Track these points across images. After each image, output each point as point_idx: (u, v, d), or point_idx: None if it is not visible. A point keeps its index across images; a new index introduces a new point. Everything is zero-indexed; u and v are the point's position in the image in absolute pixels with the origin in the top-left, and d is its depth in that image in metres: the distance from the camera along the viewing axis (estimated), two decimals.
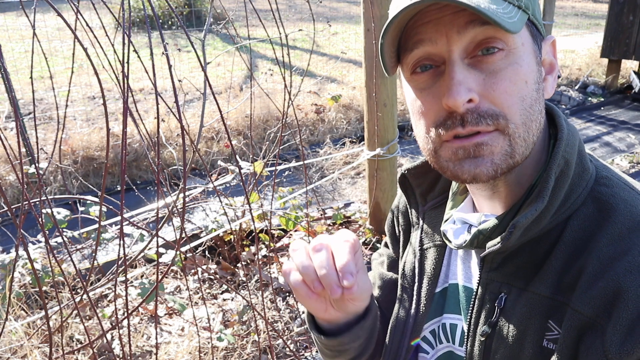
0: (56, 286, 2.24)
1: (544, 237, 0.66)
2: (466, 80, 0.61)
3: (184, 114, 2.12)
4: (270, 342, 1.96)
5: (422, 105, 0.66)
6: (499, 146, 0.62)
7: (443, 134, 0.64)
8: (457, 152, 0.64)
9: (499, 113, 0.62)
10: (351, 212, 3.48)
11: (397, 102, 2.86)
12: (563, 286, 0.63)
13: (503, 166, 0.63)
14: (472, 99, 0.61)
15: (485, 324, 0.70)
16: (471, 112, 0.61)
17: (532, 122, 0.64)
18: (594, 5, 14.86)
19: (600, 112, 5.92)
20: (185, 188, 1.25)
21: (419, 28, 0.63)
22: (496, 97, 0.61)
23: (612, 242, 0.61)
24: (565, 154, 0.66)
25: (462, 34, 0.61)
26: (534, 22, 0.65)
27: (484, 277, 0.71)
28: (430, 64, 0.64)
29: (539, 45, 0.67)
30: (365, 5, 2.62)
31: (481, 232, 0.70)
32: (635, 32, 6.10)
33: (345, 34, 9.09)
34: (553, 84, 0.70)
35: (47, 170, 3.32)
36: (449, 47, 0.62)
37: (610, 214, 0.63)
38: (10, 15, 8.40)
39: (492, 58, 0.61)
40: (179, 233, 1.42)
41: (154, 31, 6.06)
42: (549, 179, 0.64)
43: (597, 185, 0.67)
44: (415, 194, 0.85)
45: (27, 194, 1.11)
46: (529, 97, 0.63)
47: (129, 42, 1.06)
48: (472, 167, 0.63)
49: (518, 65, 0.62)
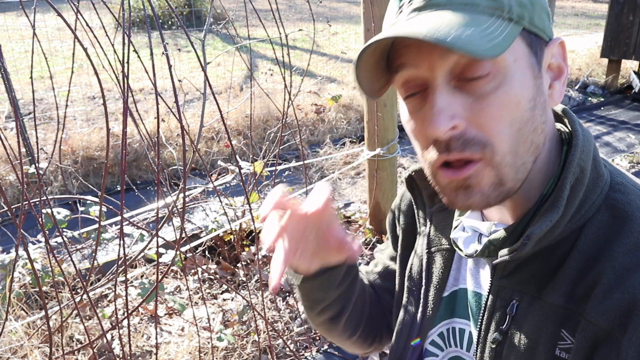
0: (56, 286, 2.24)
1: (558, 245, 0.65)
2: (449, 107, 0.59)
3: (184, 114, 2.12)
4: (270, 342, 1.96)
5: (414, 128, 0.66)
6: (485, 178, 0.62)
7: (433, 159, 0.64)
8: (450, 183, 0.64)
9: (486, 141, 0.60)
10: (351, 212, 3.48)
11: (397, 102, 2.86)
12: (577, 295, 0.62)
13: (494, 195, 0.63)
14: (455, 125, 0.59)
15: (496, 331, 0.69)
16: (455, 139, 0.60)
17: (520, 146, 0.61)
18: (594, 5, 14.86)
19: (600, 112, 5.92)
20: (185, 188, 1.25)
21: (402, 50, 0.62)
22: (483, 124, 0.59)
23: (628, 252, 0.60)
24: (581, 162, 0.64)
25: (445, 59, 0.58)
26: (532, 30, 0.61)
27: (496, 284, 0.70)
28: (417, 90, 0.63)
29: (539, 54, 0.63)
30: (365, 5, 2.62)
31: (492, 242, 0.69)
32: (635, 32, 6.10)
33: (345, 34, 9.09)
34: (561, 89, 0.66)
35: (47, 170, 3.32)
36: (432, 72, 0.60)
37: (626, 223, 0.62)
38: (10, 15, 8.40)
39: (479, 82, 0.59)
40: (179, 233, 1.42)
41: (154, 31, 6.06)
42: (564, 188, 0.62)
43: (611, 192, 0.65)
44: (423, 195, 0.84)
45: (27, 194, 1.11)
46: (518, 120, 0.60)
47: (129, 42, 1.06)
48: (464, 199, 0.63)
49: (509, 87, 0.59)
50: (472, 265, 0.78)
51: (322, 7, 9.65)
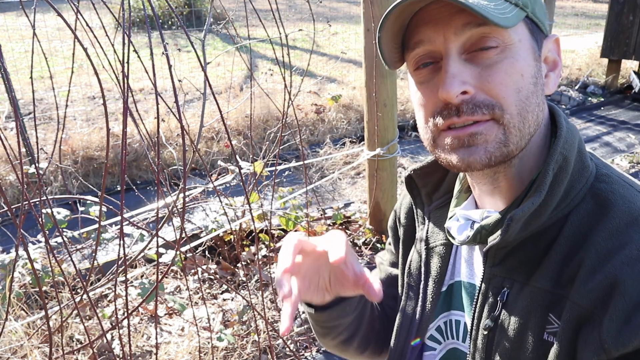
0: (56, 286, 2.24)
1: (545, 233, 0.68)
2: (461, 74, 0.64)
3: (184, 114, 2.12)
4: (270, 342, 1.96)
5: (422, 97, 0.70)
6: (492, 134, 0.65)
7: (440, 123, 0.67)
8: (452, 141, 0.67)
9: (495, 103, 0.64)
10: (351, 212, 3.48)
11: (397, 102, 2.86)
12: (563, 280, 0.65)
13: (497, 154, 0.66)
14: (466, 90, 0.64)
15: (487, 317, 0.71)
16: (466, 103, 0.64)
17: (528, 114, 0.66)
18: (594, 5, 14.86)
19: (600, 112, 5.92)
20: (185, 188, 1.25)
21: (420, 28, 0.67)
22: (491, 88, 0.64)
23: (610, 237, 0.62)
24: (564, 151, 0.68)
25: (459, 35, 0.64)
26: (534, 20, 0.68)
27: (487, 273, 0.72)
28: (431, 61, 0.68)
29: (539, 42, 0.69)
30: (365, 5, 2.62)
31: (483, 227, 0.72)
32: (635, 32, 6.10)
33: (345, 34, 9.09)
34: (556, 80, 0.72)
35: (47, 170, 3.32)
36: (446, 45, 0.65)
37: (609, 210, 0.65)
38: (10, 15, 8.40)
39: (487, 53, 0.64)
40: (179, 233, 1.42)
41: (154, 31, 6.06)
42: (546, 174, 0.66)
43: (596, 182, 0.68)
44: (421, 194, 0.87)
45: (27, 194, 1.11)
46: (525, 89, 0.65)
47: (129, 42, 1.06)
48: (466, 155, 0.66)
49: (514, 59, 0.65)
50: (467, 256, 0.80)
51: (322, 7, 9.64)
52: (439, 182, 0.87)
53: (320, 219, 3.34)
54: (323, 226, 3.15)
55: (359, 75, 6.56)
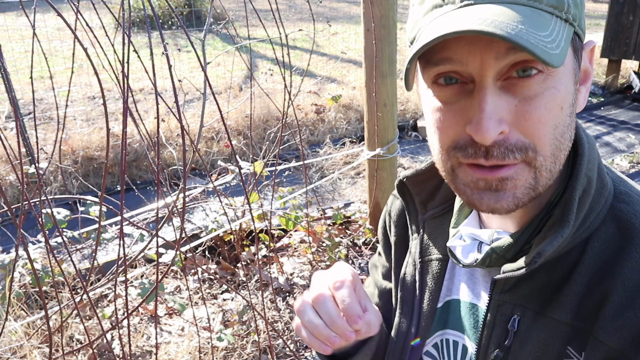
0: (56, 286, 2.24)
1: (562, 259, 0.63)
2: (497, 111, 0.54)
3: (184, 114, 2.12)
4: (270, 342, 1.96)
5: (442, 120, 0.59)
6: (522, 179, 0.58)
7: (462, 158, 0.59)
8: (477, 182, 0.59)
9: (529, 145, 0.56)
10: (351, 212, 3.48)
11: (397, 102, 2.86)
12: (584, 311, 0.60)
13: (525, 200, 0.59)
14: (502, 131, 0.55)
15: (497, 347, 0.67)
16: (498, 146, 0.56)
17: (560, 152, 0.58)
18: (594, 5, 14.86)
19: (600, 112, 5.92)
20: (185, 188, 1.25)
21: (450, 43, 0.55)
22: (528, 127, 0.55)
23: (637, 268, 0.58)
24: (588, 172, 0.62)
25: (500, 60, 0.53)
26: (578, 32, 0.58)
27: (496, 299, 0.67)
28: (457, 78, 0.57)
29: (579, 58, 0.60)
30: (365, 5, 2.62)
31: (494, 250, 0.66)
32: (635, 32, 6.10)
33: (345, 34, 9.09)
34: (585, 95, 0.63)
35: (47, 170, 3.32)
36: (482, 72, 0.54)
37: (633, 236, 0.59)
38: (10, 15, 8.40)
39: (528, 82, 0.54)
40: (179, 233, 1.42)
41: (154, 31, 6.06)
42: (572, 200, 0.60)
43: (616, 202, 0.63)
44: (415, 201, 0.81)
45: (27, 194, 1.11)
46: (562, 124, 0.57)
47: (129, 42, 1.06)
48: (492, 201, 0.59)
49: (555, 89, 0.55)
50: (468, 276, 0.75)
51: (322, 7, 9.64)
52: (433, 191, 0.81)
53: (320, 219, 3.34)
54: (323, 226, 3.15)
55: (359, 75, 6.56)
